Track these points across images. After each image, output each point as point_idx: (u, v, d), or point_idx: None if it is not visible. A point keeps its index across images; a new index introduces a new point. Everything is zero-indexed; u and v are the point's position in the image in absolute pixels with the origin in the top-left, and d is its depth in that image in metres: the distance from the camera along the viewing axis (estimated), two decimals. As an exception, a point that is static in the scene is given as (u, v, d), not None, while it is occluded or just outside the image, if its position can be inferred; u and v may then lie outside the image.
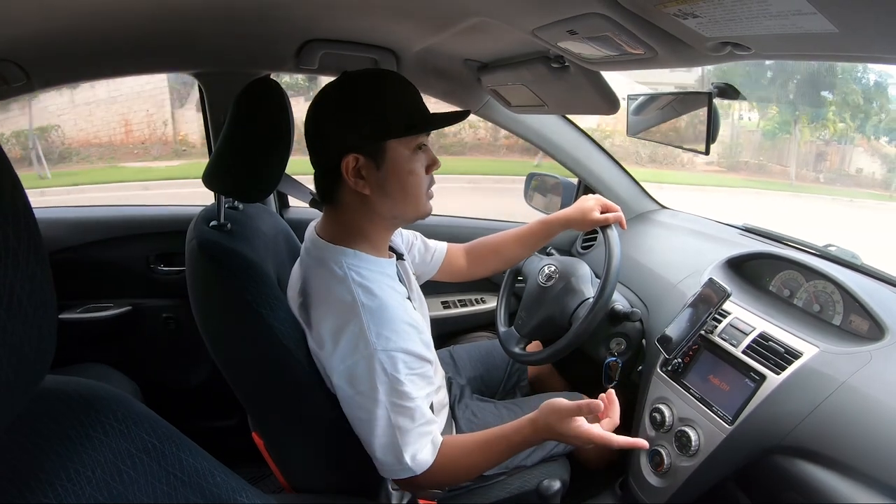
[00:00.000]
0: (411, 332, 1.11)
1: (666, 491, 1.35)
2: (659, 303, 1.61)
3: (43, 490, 0.47)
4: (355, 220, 1.15)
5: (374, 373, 1.04)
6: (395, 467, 1.10)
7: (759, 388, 1.20)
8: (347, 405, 1.09)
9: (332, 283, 1.10)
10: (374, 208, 1.14)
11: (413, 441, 1.09)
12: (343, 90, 1.10)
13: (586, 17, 0.90)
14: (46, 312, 0.47)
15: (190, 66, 1.77)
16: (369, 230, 1.17)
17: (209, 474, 0.62)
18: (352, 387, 1.07)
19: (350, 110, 1.08)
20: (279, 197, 2.13)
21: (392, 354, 1.06)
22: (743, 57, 0.89)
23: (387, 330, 1.06)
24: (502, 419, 1.45)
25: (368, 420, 1.07)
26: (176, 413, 1.13)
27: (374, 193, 1.11)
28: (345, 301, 1.08)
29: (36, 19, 1.12)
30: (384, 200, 1.13)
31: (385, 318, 1.07)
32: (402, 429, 1.07)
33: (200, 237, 1.17)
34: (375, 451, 1.09)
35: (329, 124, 1.10)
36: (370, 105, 1.09)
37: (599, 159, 2.08)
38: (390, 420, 1.06)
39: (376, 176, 1.10)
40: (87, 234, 2.03)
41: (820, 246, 1.61)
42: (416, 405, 1.09)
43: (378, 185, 1.11)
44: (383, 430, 1.07)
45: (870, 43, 0.73)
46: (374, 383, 1.05)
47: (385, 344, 1.05)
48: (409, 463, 1.08)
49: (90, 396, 0.57)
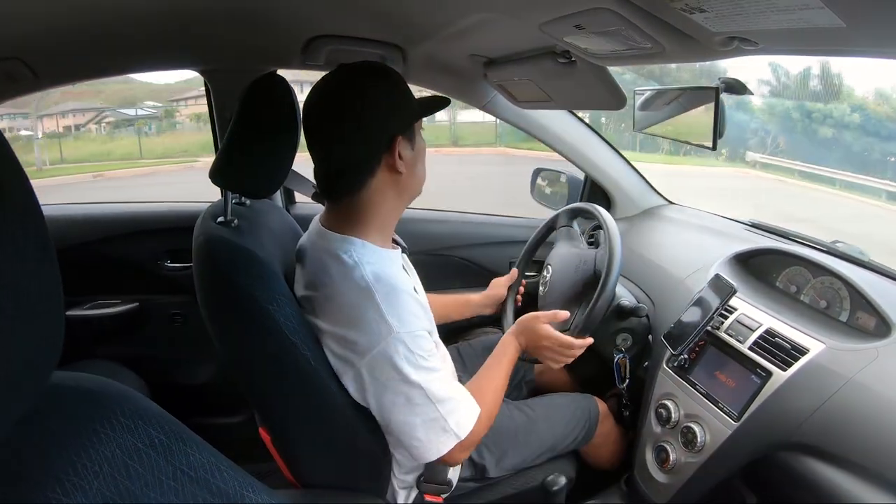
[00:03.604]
0: (425, 315, 1.14)
1: (671, 487, 1.36)
2: (665, 298, 1.60)
3: (51, 485, 0.48)
4: (374, 208, 1.16)
5: (401, 355, 1.06)
6: (440, 440, 1.11)
7: (766, 385, 1.20)
8: (379, 394, 1.10)
9: (343, 272, 1.10)
10: (404, 188, 1.19)
11: (454, 408, 1.12)
12: (378, 77, 1.14)
13: (593, 11, 0.89)
14: (54, 309, 0.47)
15: (196, 62, 1.78)
16: (385, 217, 1.19)
17: (216, 470, 0.62)
18: (381, 374, 1.08)
19: (391, 95, 1.14)
20: (286, 193, 2.13)
21: (415, 334, 1.08)
22: (750, 52, 0.89)
23: (405, 312, 1.08)
24: (514, 420, 1.46)
25: (406, 402, 1.08)
26: (183, 409, 1.13)
27: (406, 172, 1.16)
28: (359, 287, 1.08)
29: (43, 17, 1.12)
30: (411, 179, 1.19)
31: (400, 301, 1.08)
32: (440, 399, 1.10)
33: (207, 234, 1.18)
34: (418, 431, 1.10)
35: (372, 112, 1.12)
36: (403, 89, 1.16)
37: (606, 155, 2.08)
38: (427, 395, 1.08)
39: (410, 155, 1.17)
40: (95, 230, 2.03)
41: (827, 242, 1.60)
42: (444, 375, 1.12)
43: (410, 164, 1.17)
44: (423, 408, 1.09)
45: (878, 37, 0.72)
46: (402, 365, 1.06)
47: (406, 326, 1.07)
48: (455, 429, 1.11)
49: (98, 393, 0.57)
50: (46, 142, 17.10)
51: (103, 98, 17.50)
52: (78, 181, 13.39)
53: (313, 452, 1.22)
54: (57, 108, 17.82)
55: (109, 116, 18.32)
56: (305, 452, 1.23)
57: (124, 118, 17.70)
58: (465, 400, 1.15)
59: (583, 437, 1.55)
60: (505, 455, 1.43)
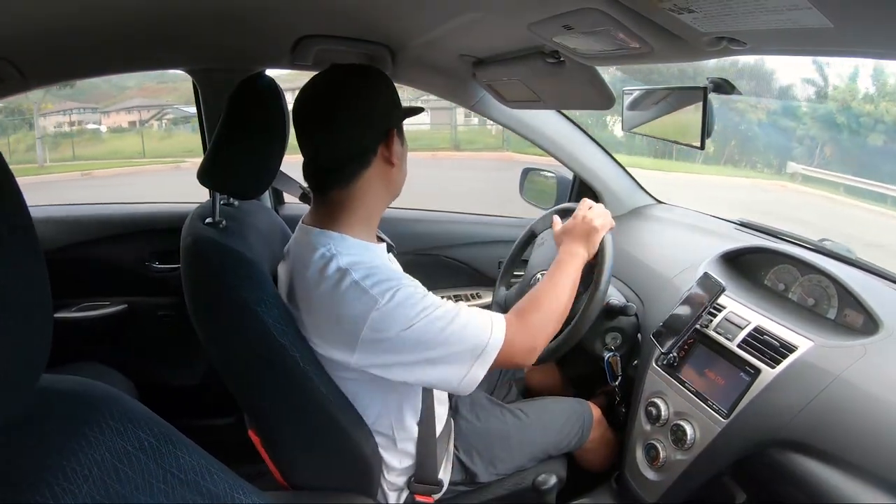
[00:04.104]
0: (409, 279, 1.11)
1: (662, 485, 1.36)
2: (654, 297, 1.61)
3: (40, 489, 0.47)
4: (361, 201, 1.16)
5: (397, 319, 1.04)
6: (481, 356, 1.09)
7: (754, 382, 1.21)
8: (406, 363, 1.08)
9: (320, 264, 1.09)
10: (392, 181, 1.20)
11: (480, 323, 1.10)
12: (369, 75, 1.15)
13: (582, 12, 0.90)
14: (42, 311, 0.47)
15: (184, 62, 1.77)
16: (371, 210, 1.19)
17: (206, 472, 0.62)
18: (382, 345, 1.06)
19: (388, 89, 1.16)
20: (275, 193, 2.12)
21: (405, 291, 1.06)
22: (738, 52, 0.90)
23: (383, 278, 1.06)
24: (506, 425, 1.46)
25: (434, 357, 1.06)
26: (172, 411, 1.13)
27: (397, 166, 1.18)
28: (334, 275, 1.07)
29: (30, 17, 1.11)
30: (399, 174, 1.21)
31: (378, 271, 1.08)
32: (463, 324, 1.08)
33: (195, 235, 1.17)
34: (460, 365, 1.08)
35: (374, 103, 1.14)
36: (394, 88, 1.18)
37: (594, 154, 2.08)
38: (446, 332, 1.06)
39: (400, 150, 1.19)
40: (83, 232, 2.02)
41: (815, 240, 1.61)
42: (452, 305, 1.10)
43: (400, 157, 1.19)
44: (448, 349, 1.07)
45: (865, 38, 0.73)
46: (403, 330, 1.04)
47: (390, 288, 1.05)
48: (490, 340, 1.09)
49: (86, 395, 0.56)
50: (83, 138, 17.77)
51: (177, 95, 17.80)
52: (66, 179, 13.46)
53: (303, 454, 1.22)
54: (123, 104, 18.63)
55: (170, 113, 18.70)
56: (295, 454, 1.22)
57: (183, 115, 17.87)
58: (483, 313, 1.13)
59: (576, 442, 1.55)
60: (496, 460, 1.43)
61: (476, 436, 1.43)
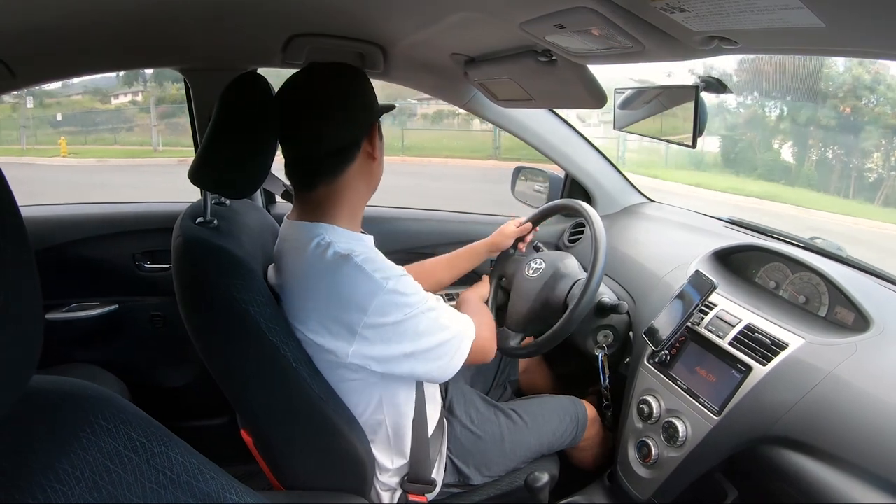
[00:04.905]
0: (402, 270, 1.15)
1: (654, 482, 1.37)
2: (646, 295, 1.62)
3: (32, 491, 0.47)
4: (346, 195, 1.17)
5: (399, 306, 1.07)
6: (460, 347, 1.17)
7: (746, 380, 1.21)
8: (400, 354, 1.11)
9: (316, 254, 1.10)
10: (373, 175, 1.22)
11: (457, 316, 1.20)
12: (350, 73, 1.18)
13: (574, 10, 0.90)
14: (33, 312, 0.47)
15: (176, 61, 1.75)
16: (356, 204, 1.21)
17: (198, 473, 0.62)
18: (398, 342, 1.09)
19: (367, 85, 1.19)
20: (266, 192, 2.11)
21: (405, 280, 1.10)
22: (730, 51, 0.90)
23: (383, 266, 1.09)
24: (500, 426, 1.46)
25: (426, 347, 1.12)
26: (164, 412, 1.12)
27: (377, 160, 1.21)
28: (335, 261, 1.08)
29: (20, 15, 1.10)
30: (379, 168, 1.23)
31: (376, 258, 1.11)
32: (448, 317, 1.16)
33: (186, 234, 1.16)
34: (447, 356, 1.15)
35: (358, 99, 1.16)
36: (368, 81, 1.20)
37: (586, 153, 2.09)
38: (438, 323, 1.13)
39: (380, 145, 1.21)
40: (73, 231, 2.00)
41: (806, 238, 1.62)
42: (434, 298, 1.16)
43: (380, 151, 1.22)
44: (437, 339, 1.13)
45: (856, 37, 0.73)
46: (403, 318, 1.08)
47: (391, 276, 1.08)
48: (468, 332, 1.20)
49: (78, 396, 0.56)
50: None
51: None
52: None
53: (296, 454, 1.21)
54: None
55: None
56: (288, 454, 1.22)
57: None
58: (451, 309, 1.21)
59: (570, 441, 1.56)
60: (490, 464, 1.43)
61: (470, 441, 1.43)
